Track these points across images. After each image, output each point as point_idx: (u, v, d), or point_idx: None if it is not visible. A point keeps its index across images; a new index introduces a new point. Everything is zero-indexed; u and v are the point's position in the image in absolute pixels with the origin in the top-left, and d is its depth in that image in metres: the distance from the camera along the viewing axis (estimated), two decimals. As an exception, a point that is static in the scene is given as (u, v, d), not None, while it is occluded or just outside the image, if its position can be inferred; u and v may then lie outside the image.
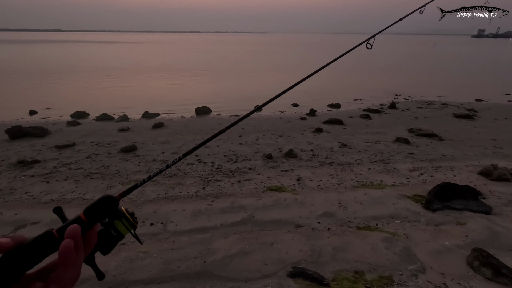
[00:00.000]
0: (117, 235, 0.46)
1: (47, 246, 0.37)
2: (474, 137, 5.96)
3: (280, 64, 22.64)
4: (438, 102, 9.63)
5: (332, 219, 3.06)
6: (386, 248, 2.59)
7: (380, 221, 3.03)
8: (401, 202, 3.38)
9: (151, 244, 2.66)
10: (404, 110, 8.44)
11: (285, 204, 3.36)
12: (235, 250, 2.57)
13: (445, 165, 4.54)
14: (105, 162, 4.59)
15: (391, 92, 11.22)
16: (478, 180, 3.97)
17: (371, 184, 3.86)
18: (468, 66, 22.20)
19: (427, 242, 2.69)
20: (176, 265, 2.39)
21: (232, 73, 17.37)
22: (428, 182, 3.92)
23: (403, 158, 4.81)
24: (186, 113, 8.22)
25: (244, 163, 4.55)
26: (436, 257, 2.49)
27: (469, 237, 2.74)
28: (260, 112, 8.53)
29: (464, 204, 3.25)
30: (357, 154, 4.96)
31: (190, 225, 2.96)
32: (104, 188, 3.74)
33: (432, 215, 3.14)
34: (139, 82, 13.95)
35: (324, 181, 3.93)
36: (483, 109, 8.57)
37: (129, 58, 28.12)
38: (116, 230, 0.46)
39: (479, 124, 6.99)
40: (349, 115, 7.74)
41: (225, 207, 3.29)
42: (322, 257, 2.48)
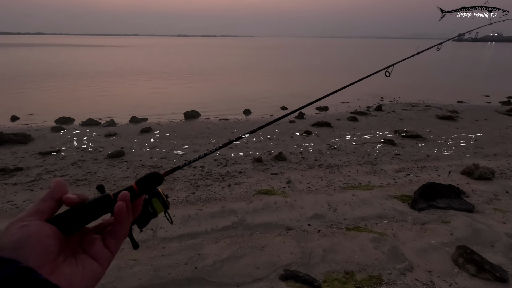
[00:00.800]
0: (152, 212, 0.51)
1: (104, 205, 0.42)
2: (456, 137, 6.17)
3: (268, 68, 22.80)
4: (422, 104, 9.92)
5: (322, 221, 3.10)
6: (375, 248, 2.65)
7: (369, 222, 3.09)
8: (389, 203, 3.46)
9: (140, 251, 2.62)
10: (390, 112, 8.64)
11: (275, 207, 3.38)
12: (226, 254, 2.56)
13: (429, 165, 4.68)
14: (92, 169, 4.49)
15: (377, 95, 11.47)
16: (461, 179, 4.11)
17: (359, 186, 3.93)
18: (449, 69, 22.99)
19: (414, 241, 2.76)
20: (167, 271, 2.36)
21: (219, 77, 17.36)
22: (414, 182, 4.02)
23: (390, 159, 4.93)
24: (174, 117, 8.15)
25: (234, 167, 4.55)
26: (422, 255, 2.56)
27: (453, 235, 2.83)
28: (249, 116, 8.56)
29: (448, 203, 3.35)
30: (345, 156, 5.05)
31: (180, 231, 2.93)
32: (91, 195, 3.64)
33: (418, 214, 3.23)
34: (125, 86, 13.74)
35: (314, 183, 3.97)
36: (464, 110, 8.89)
37: (114, 62, 27.67)
38: (153, 207, 0.50)
39: (460, 125, 7.24)
40: (336, 118, 7.87)
41: (215, 211, 3.28)
42: (313, 259, 2.51)
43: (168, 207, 0.52)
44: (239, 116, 8.51)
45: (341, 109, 9.20)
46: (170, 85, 14.09)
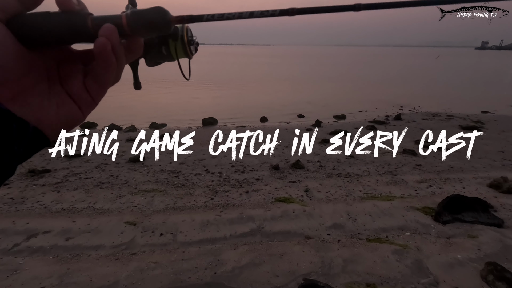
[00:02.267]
0: (166, 55, 0.42)
1: (78, 30, 0.30)
2: (481, 149, 5.94)
3: (285, 76, 22.90)
4: (443, 113, 9.63)
5: (342, 231, 3.05)
6: (397, 261, 2.57)
7: (390, 233, 3.01)
8: (411, 214, 3.36)
9: (161, 255, 2.67)
10: (410, 122, 8.44)
11: (294, 215, 3.36)
12: (245, 261, 2.57)
13: (453, 177, 4.52)
14: (114, 172, 4.64)
15: (396, 104, 11.25)
16: (488, 192, 3.94)
17: (380, 196, 3.85)
18: (473, 78, 22.25)
19: (438, 255, 2.66)
20: (187, 275, 2.39)
21: (237, 85, 17.60)
22: (437, 194, 3.89)
23: (411, 169, 4.80)
24: (192, 124, 8.32)
25: (251, 174, 4.57)
26: (448, 270, 2.46)
27: (481, 251, 2.71)
28: (266, 123, 8.61)
29: (474, 216, 3.22)
30: (364, 165, 4.96)
31: (200, 236, 2.96)
32: (114, 197, 3.78)
33: (442, 227, 3.11)
34: (146, 94, 14.18)
35: (332, 193, 3.93)
36: (490, 120, 8.55)
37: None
38: (168, 50, 0.41)
39: (486, 136, 6.96)
40: (354, 126, 7.76)
41: (233, 217, 3.30)
42: (333, 269, 2.47)
43: (190, 57, 0.40)
44: (255, 123, 8.57)
45: (359, 118, 9.08)
46: (189, 93, 14.41)
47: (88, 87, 0.33)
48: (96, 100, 0.34)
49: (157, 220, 3.25)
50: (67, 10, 0.30)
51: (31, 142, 0.30)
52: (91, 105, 0.34)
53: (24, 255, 2.62)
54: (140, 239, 2.90)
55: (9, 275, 2.37)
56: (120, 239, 2.90)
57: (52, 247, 2.75)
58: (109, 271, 2.44)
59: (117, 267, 2.49)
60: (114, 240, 2.87)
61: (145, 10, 0.31)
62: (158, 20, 0.31)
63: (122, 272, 2.42)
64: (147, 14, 0.30)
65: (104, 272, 2.42)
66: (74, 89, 0.33)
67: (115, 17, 0.31)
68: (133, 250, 2.73)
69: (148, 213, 3.41)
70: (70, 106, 0.32)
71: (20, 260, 2.55)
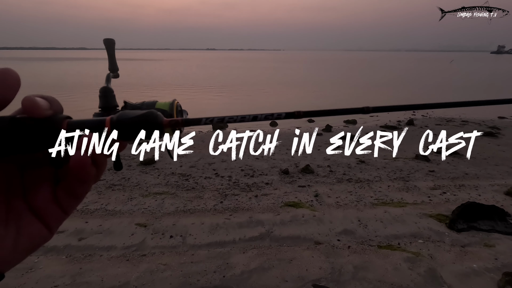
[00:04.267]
0: None
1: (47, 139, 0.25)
2: (498, 155, 5.76)
3: (295, 80, 22.90)
4: (458, 119, 9.41)
5: (352, 237, 3.01)
6: (410, 269, 2.51)
7: (402, 240, 2.95)
8: (424, 221, 3.29)
9: (170, 257, 2.69)
10: (423, 127, 8.28)
11: (303, 220, 3.33)
12: (254, 265, 2.56)
13: (468, 184, 4.40)
14: (126, 174, 4.73)
15: (408, 109, 11.06)
16: (505, 200, 3.81)
17: (391, 202, 3.78)
18: (488, 83, 21.68)
19: (453, 263, 2.59)
20: (196, 278, 2.40)
21: (247, 89, 17.70)
22: (451, 201, 3.79)
23: (424, 176, 4.70)
24: (203, 128, 8.39)
25: (260, 178, 4.57)
26: (463, 280, 2.39)
27: (498, 260, 2.61)
28: (275, 127, 8.60)
29: (491, 225, 3.12)
30: (375, 171, 4.89)
31: (209, 239, 2.97)
32: (125, 199, 3.84)
33: (457, 235, 3.03)
34: (157, 98, 14.42)
35: (343, 198, 3.88)
36: (507, 126, 8.29)
37: (146, 74, 29.22)
38: None
39: (503, 142, 6.75)
40: (365, 132, 7.67)
41: (243, 221, 3.30)
42: (343, 275, 2.43)
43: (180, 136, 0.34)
44: (265, 127, 8.58)
45: (370, 123, 8.96)
46: (200, 96, 14.59)
47: (60, 199, 0.27)
48: (69, 212, 0.28)
49: (167, 222, 3.28)
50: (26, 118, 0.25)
51: None
52: (61, 219, 0.27)
53: (38, 254, 2.69)
54: (151, 241, 2.93)
55: (24, 273, 2.43)
56: (131, 240, 2.94)
57: (65, 247, 2.82)
58: (120, 271, 2.47)
59: (127, 268, 2.52)
60: (125, 241, 2.92)
61: (134, 116, 0.27)
62: (148, 128, 0.27)
63: (133, 273, 2.45)
64: (136, 122, 0.27)
65: (115, 272, 2.46)
66: (41, 203, 0.26)
67: (97, 122, 0.27)
68: (144, 251, 2.77)
69: (158, 215, 3.45)
70: (35, 227, 0.26)
71: (35, 258, 2.61)
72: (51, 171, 0.28)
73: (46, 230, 0.27)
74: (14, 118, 0.25)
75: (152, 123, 0.27)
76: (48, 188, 0.27)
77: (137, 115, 0.28)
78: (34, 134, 0.25)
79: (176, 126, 0.29)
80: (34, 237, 0.26)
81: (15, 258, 0.25)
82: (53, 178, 0.28)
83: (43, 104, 0.25)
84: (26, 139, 0.24)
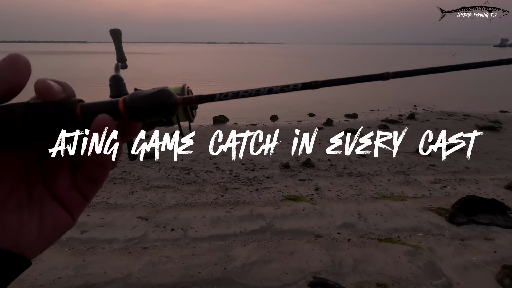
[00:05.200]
0: (166, 121, 0.37)
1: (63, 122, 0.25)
2: (499, 149, 5.75)
3: (296, 74, 22.78)
4: (459, 113, 9.37)
5: (352, 230, 3.02)
6: (409, 262, 2.53)
7: (402, 234, 2.97)
8: (424, 215, 3.30)
9: (172, 249, 2.71)
10: (424, 121, 8.26)
11: (304, 213, 3.35)
12: (254, 258, 2.58)
13: (468, 178, 4.40)
14: (127, 168, 4.74)
15: (409, 103, 11.02)
16: (505, 194, 3.81)
17: (392, 196, 3.79)
18: (491, 77, 21.53)
19: (452, 257, 2.61)
20: (197, 270, 2.42)
21: (248, 83, 17.62)
22: (452, 195, 3.80)
23: (424, 169, 4.70)
24: (203, 122, 8.39)
25: (261, 172, 4.58)
26: (462, 273, 2.41)
27: (498, 253, 2.63)
28: (276, 122, 8.59)
29: (491, 218, 3.13)
30: (376, 165, 4.89)
31: (210, 232, 3.00)
32: (127, 193, 3.86)
33: (457, 229, 3.04)
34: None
35: (343, 192, 3.89)
36: (509, 120, 8.26)
37: (148, 67, 29.10)
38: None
39: (504, 136, 6.73)
40: (367, 126, 7.65)
41: (244, 215, 3.32)
42: (343, 268, 2.45)
43: (191, 120, 0.33)
44: (266, 121, 8.58)
45: (371, 117, 8.94)
46: (201, 90, 14.53)
47: (79, 185, 0.27)
48: (89, 198, 0.28)
49: (169, 215, 3.30)
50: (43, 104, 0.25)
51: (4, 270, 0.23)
52: (82, 205, 0.28)
53: (42, 247, 2.71)
54: (152, 234, 2.96)
55: (28, 265, 2.46)
56: (133, 233, 2.97)
57: (68, 239, 2.84)
58: (122, 264, 2.50)
59: (129, 260, 2.55)
60: (127, 234, 2.94)
61: (147, 94, 0.27)
62: (162, 105, 0.27)
63: (135, 265, 2.48)
64: (149, 99, 0.27)
65: (118, 264, 2.49)
66: (61, 189, 0.27)
67: (111, 104, 0.27)
68: (145, 244, 2.79)
69: (160, 208, 3.47)
70: (57, 213, 0.26)
71: (38, 251, 2.64)
72: (69, 157, 0.28)
73: (68, 216, 0.27)
74: (28, 104, 0.25)
75: (166, 100, 0.27)
76: (67, 174, 0.27)
77: (150, 93, 0.27)
78: (50, 119, 0.24)
79: (190, 103, 0.29)
80: (57, 223, 0.26)
81: (41, 245, 0.26)
82: (71, 164, 0.28)
83: (56, 87, 0.24)
84: (42, 125, 0.24)
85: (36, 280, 2.30)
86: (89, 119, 0.25)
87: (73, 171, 0.28)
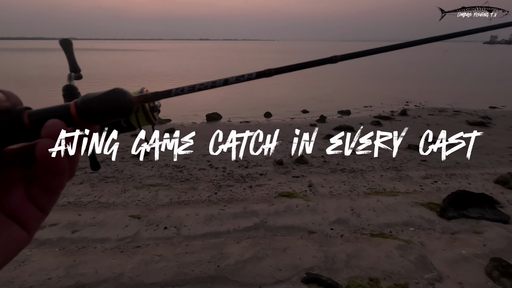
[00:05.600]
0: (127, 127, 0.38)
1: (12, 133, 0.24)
2: (488, 145, 5.85)
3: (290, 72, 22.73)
4: (450, 109, 9.50)
5: (345, 226, 3.05)
6: (401, 256, 2.56)
7: (394, 229, 3.00)
8: (415, 210, 3.34)
9: (165, 248, 2.69)
10: (416, 117, 8.35)
11: (297, 210, 3.36)
12: (248, 255, 2.58)
13: (459, 173, 4.47)
14: (119, 167, 4.68)
15: (401, 99, 11.13)
16: (494, 188, 3.89)
17: (384, 191, 3.83)
18: (481, 73, 21.87)
19: (443, 250, 2.65)
20: (190, 268, 2.41)
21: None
22: (442, 190, 3.86)
23: (416, 165, 4.76)
24: (196, 119, 8.33)
25: (255, 169, 4.58)
26: (453, 266, 2.45)
27: (486, 246, 2.68)
28: (270, 118, 8.58)
29: (480, 212, 3.19)
30: (369, 161, 4.93)
31: (203, 230, 2.98)
32: (119, 192, 3.82)
33: (447, 223, 3.09)
34: (150, 87, 14.22)
35: (336, 188, 3.91)
36: (498, 116, 8.41)
37: (140, 65, 28.74)
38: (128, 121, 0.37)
39: (493, 131, 6.86)
40: (359, 122, 7.70)
41: (237, 212, 3.31)
42: (336, 263, 2.47)
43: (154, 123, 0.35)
44: (259, 118, 8.56)
45: (364, 114, 9.00)
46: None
47: (34, 197, 0.26)
48: (47, 211, 0.27)
49: (162, 214, 3.28)
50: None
51: None
52: (39, 219, 0.26)
53: (31, 247, 2.67)
54: (145, 233, 2.93)
55: (17, 266, 2.42)
56: (125, 232, 2.93)
57: (58, 239, 2.80)
58: (114, 263, 2.47)
59: (122, 259, 2.52)
60: (119, 233, 2.91)
61: (100, 95, 0.26)
62: (117, 104, 0.26)
63: (127, 264, 2.45)
64: (103, 99, 0.25)
65: (110, 264, 2.46)
66: (14, 204, 0.25)
67: (61, 108, 0.25)
68: (138, 243, 2.77)
69: (152, 207, 3.44)
70: (10, 230, 0.24)
71: (28, 251, 2.59)
72: (21, 171, 0.26)
73: (24, 232, 0.25)
74: None
75: (120, 99, 0.26)
76: (21, 188, 0.26)
77: (103, 93, 0.26)
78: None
79: (146, 100, 0.28)
80: (12, 240, 0.25)
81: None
82: (25, 178, 0.26)
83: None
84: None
85: (26, 282, 2.26)
86: (39, 127, 0.24)
87: (27, 184, 0.26)
